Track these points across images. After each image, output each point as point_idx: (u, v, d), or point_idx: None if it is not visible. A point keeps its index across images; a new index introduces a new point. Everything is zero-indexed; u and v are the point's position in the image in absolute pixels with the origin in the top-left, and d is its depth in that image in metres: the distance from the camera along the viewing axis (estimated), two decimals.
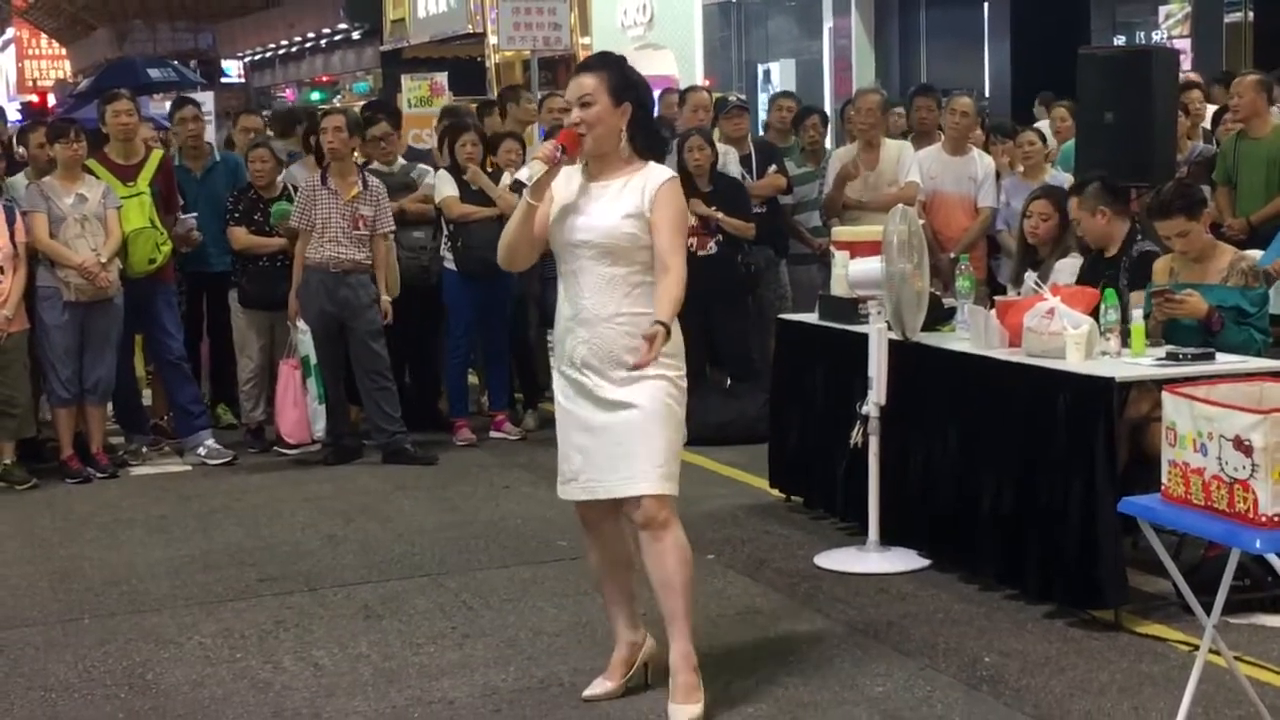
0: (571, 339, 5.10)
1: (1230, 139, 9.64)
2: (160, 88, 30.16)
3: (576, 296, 5.09)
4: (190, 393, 9.74)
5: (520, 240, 5.17)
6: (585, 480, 5.14)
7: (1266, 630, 5.86)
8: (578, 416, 5.13)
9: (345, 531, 7.85)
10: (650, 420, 5.02)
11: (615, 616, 5.40)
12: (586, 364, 5.06)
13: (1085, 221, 7.25)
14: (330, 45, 40.52)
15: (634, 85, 5.11)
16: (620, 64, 5.15)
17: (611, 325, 5.02)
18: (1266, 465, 4.12)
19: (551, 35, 16.65)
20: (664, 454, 5.04)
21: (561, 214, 5.11)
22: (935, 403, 6.88)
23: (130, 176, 9.38)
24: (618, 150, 5.08)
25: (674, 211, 5.07)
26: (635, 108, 5.08)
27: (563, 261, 5.17)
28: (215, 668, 5.84)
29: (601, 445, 5.06)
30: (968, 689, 5.40)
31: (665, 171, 5.15)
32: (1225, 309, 6.61)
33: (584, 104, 5.01)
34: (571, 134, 5.01)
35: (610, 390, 5.03)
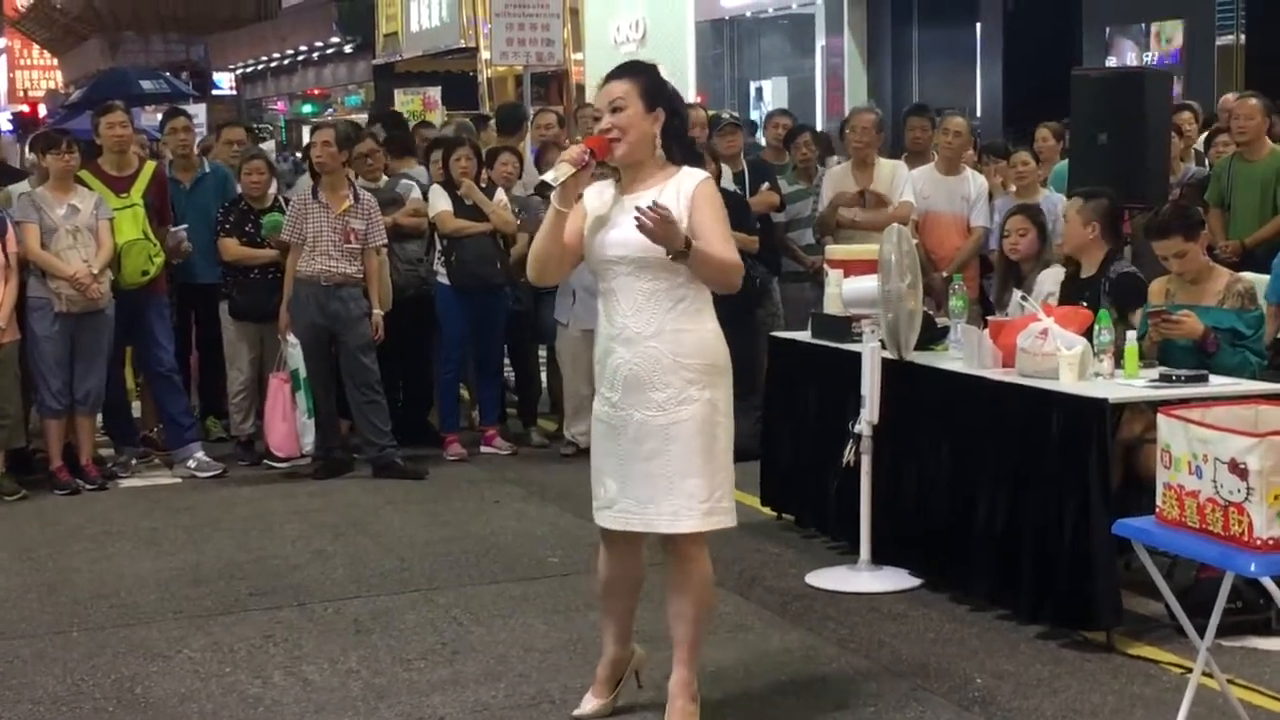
0: (613, 359, 4.89)
1: (1224, 161, 9.65)
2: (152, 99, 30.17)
3: (616, 315, 4.89)
4: (181, 405, 9.71)
5: (550, 251, 4.96)
6: (621, 510, 4.93)
7: (1259, 653, 5.85)
8: (616, 442, 4.91)
9: (335, 546, 7.83)
10: (691, 451, 4.82)
11: (608, 630, 5.25)
12: (629, 385, 4.85)
13: (1073, 224, 7.21)
14: (322, 59, 40.49)
15: (667, 93, 4.93)
16: (653, 71, 4.98)
17: (655, 343, 4.82)
18: (1261, 489, 4.12)
19: (544, 51, 16.69)
20: (706, 488, 4.85)
21: (595, 229, 4.92)
22: (928, 422, 6.88)
23: (123, 188, 9.36)
24: (652, 159, 4.90)
25: (715, 210, 4.87)
26: (669, 115, 4.90)
27: (600, 279, 4.96)
28: (204, 682, 5.81)
29: (641, 474, 4.86)
30: (959, 710, 5.39)
31: (698, 173, 4.93)
32: (1221, 331, 6.62)
33: (615, 109, 4.83)
34: (601, 140, 4.83)
35: (653, 415, 4.82)
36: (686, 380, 4.82)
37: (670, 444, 4.81)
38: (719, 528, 4.93)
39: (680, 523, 4.85)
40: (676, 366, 4.80)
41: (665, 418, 4.81)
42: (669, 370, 4.80)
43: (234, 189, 10.07)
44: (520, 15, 16.60)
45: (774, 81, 22.47)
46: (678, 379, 4.80)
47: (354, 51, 36.77)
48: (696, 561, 4.97)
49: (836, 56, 20.65)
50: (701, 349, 4.88)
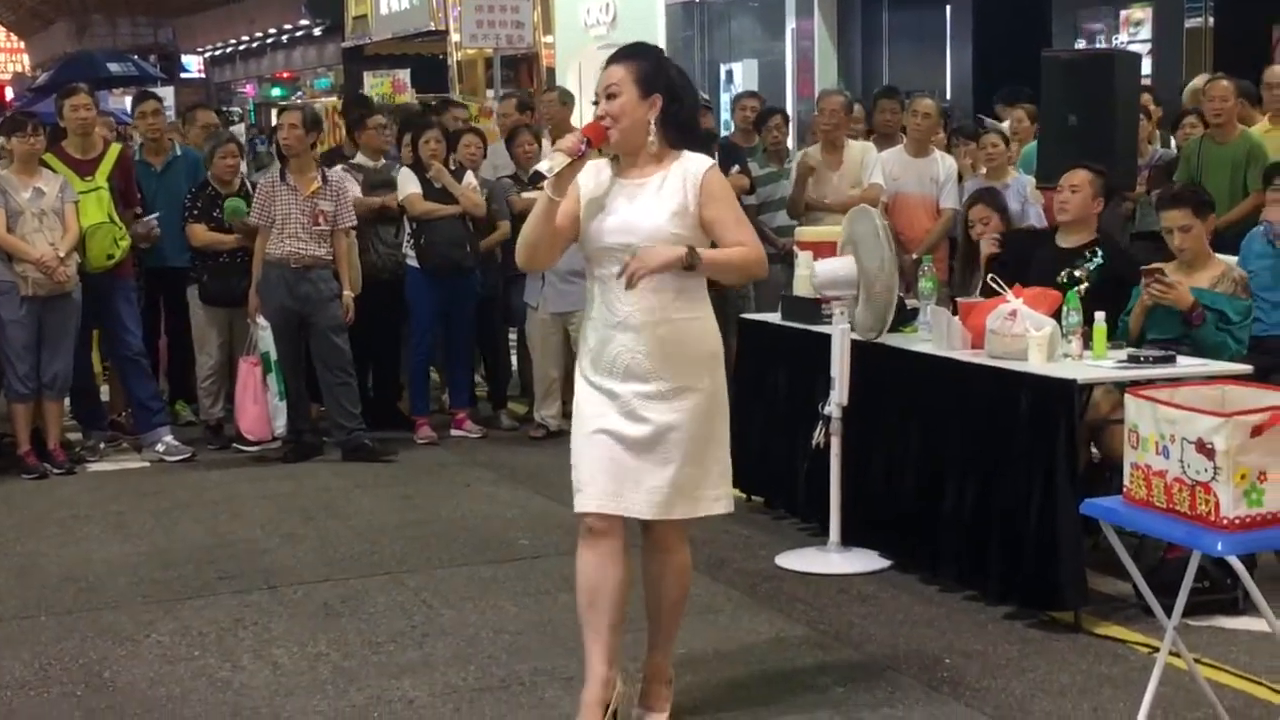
0: (613, 346, 4.74)
1: (1194, 142, 9.66)
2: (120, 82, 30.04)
3: (617, 303, 4.73)
4: (149, 389, 9.68)
5: (541, 238, 4.79)
6: (601, 491, 4.75)
7: (1226, 633, 5.88)
8: (611, 429, 4.74)
9: (305, 529, 7.81)
10: (690, 440, 4.75)
11: (594, 648, 4.83)
12: (629, 373, 4.72)
13: (1084, 194, 7.19)
14: (291, 41, 40.38)
15: (666, 76, 4.76)
16: (652, 54, 4.85)
17: (660, 332, 4.71)
18: (1228, 468, 4.13)
19: (514, 33, 16.64)
20: (702, 476, 4.80)
21: (593, 214, 4.78)
22: (897, 404, 6.90)
23: (88, 171, 9.32)
24: (646, 145, 4.75)
25: (727, 201, 4.79)
26: (667, 100, 4.73)
27: (597, 265, 4.81)
28: (173, 666, 5.80)
29: (633, 462, 4.72)
30: (928, 690, 5.41)
31: (703, 159, 4.82)
32: (1210, 311, 6.70)
33: (609, 95, 4.71)
34: (597, 127, 4.71)
35: (654, 404, 4.72)
36: (690, 369, 4.75)
37: (670, 432, 4.72)
38: (712, 513, 4.91)
39: (675, 509, 4.78)
40: (680, 356, 4.73)
41: (666, 406, 4.72)
42: (671, 359, 4.72)
43: (205, 172, 10.02)
44: None
45: (744, 64, 22.40)
46: (679, 369, 4.72)
47: (323, 34, 36.67)
48: (676, 552, 4.92)
49: (807, 39, 20.62)
50: (702, 338, 4.82)
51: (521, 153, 10.23)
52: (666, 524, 4.84)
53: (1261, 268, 7.74)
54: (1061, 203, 7.32)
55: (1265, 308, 7.66)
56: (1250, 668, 5.50)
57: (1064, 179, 7.39)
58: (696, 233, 4.73)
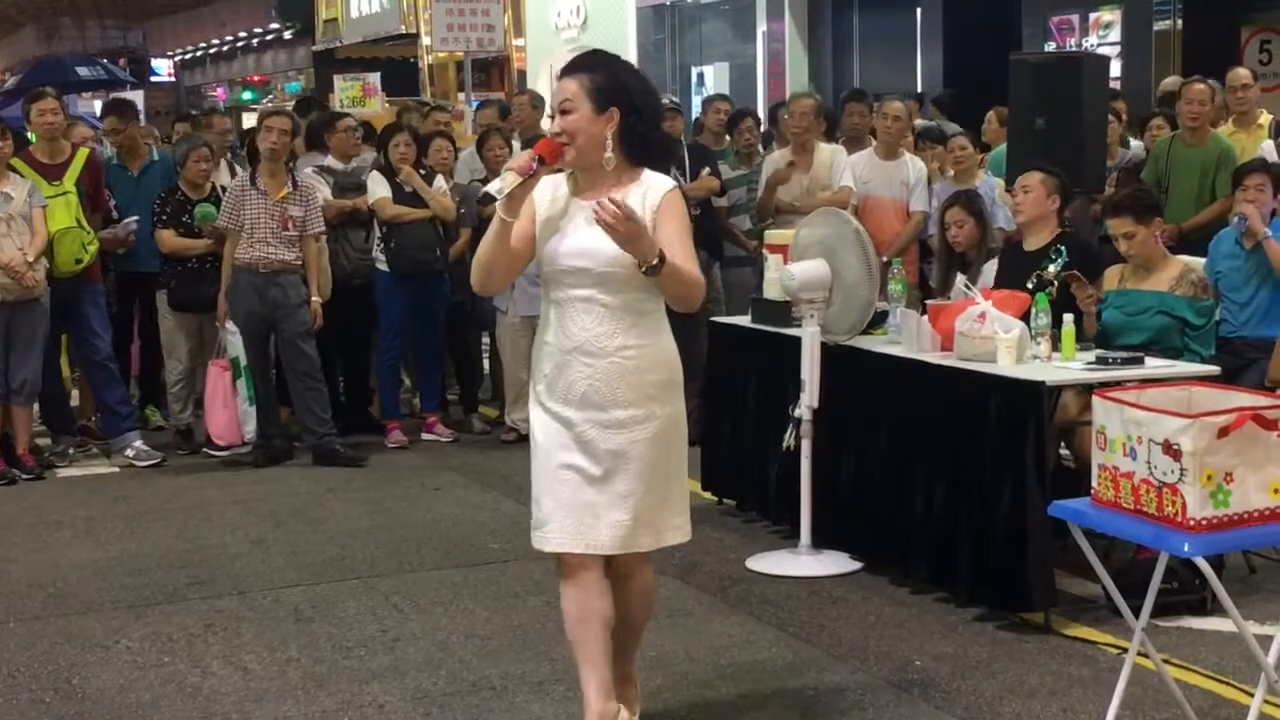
0: (570, 372, 4.56)
1: (1163, 142, 9.68)
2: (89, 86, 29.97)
3: (572, 328, 4.56)
4: (118, 394, 9.65)
5: (496, 260, 4.61)
6: (557, 529, 4.59)
7: (1194, 633, 5.91)
8: (567, 459, 4.58)
9: (275, 534, 7.80)
10: (650, 469, 4.57)
11: (587, 680, 4.70)
12: (586, 400, 4.54)
13: (1036, 194, 7.22)
14: (262, 45, 40.22)
15: (623, 89, 4.54)
16: (608, 65, 4.60)
17: (618, 359, 4.53)
18: (1195, 469, 4.15)
19: (485, 36, 16.64)
20: (659, 506, 4.62)
21: (549, 235, 4.60)
22: (867, 406, 6.91)
23: (56, 175, 9.29)
24: (604, 162, 4.55)
25: (680, 223, 4.59)
26: (624, 113, 4.51)
27: (553, 288, 4.62)
28: (143, 672, 5.78)
29: (592, 494, 4.55)
30: (898, 691, 5.42)
31: (664, 181, 4.63)
32: (1172, 319, 6.77)
33: (563, 111, 4.51)
34: (551, 144, 4.50)
35: (611, 435, 4.54)
36: (648, 396, 4.57)
37: (628, 463, 4.55)
38: (675, 543, 4.75)
39: (640, 541, 4.62)
40: (640, 383, 4.55)
41: (624, 436, 4.55)
42: (632, 387, 4.54)
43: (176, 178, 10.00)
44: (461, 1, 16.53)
45: (715, 67, 22.43)
46: (640, 395, 4.55)
47: (293, 38, 36.54)
48: (639, 576, 4.79)
49: (778, 42, 20.64)
50: (663, 364, 4.63)
51: (492, 156, 10.22)
52: (633, 559, 4.71)
53: (1230, 268, 7.78)
54: (1016, 205, 7.36)
55: (1233, 308, 7.71)
56: (1218, 668, 5.52)
57: (1017, 182, 7.44)
58: None
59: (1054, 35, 16.77)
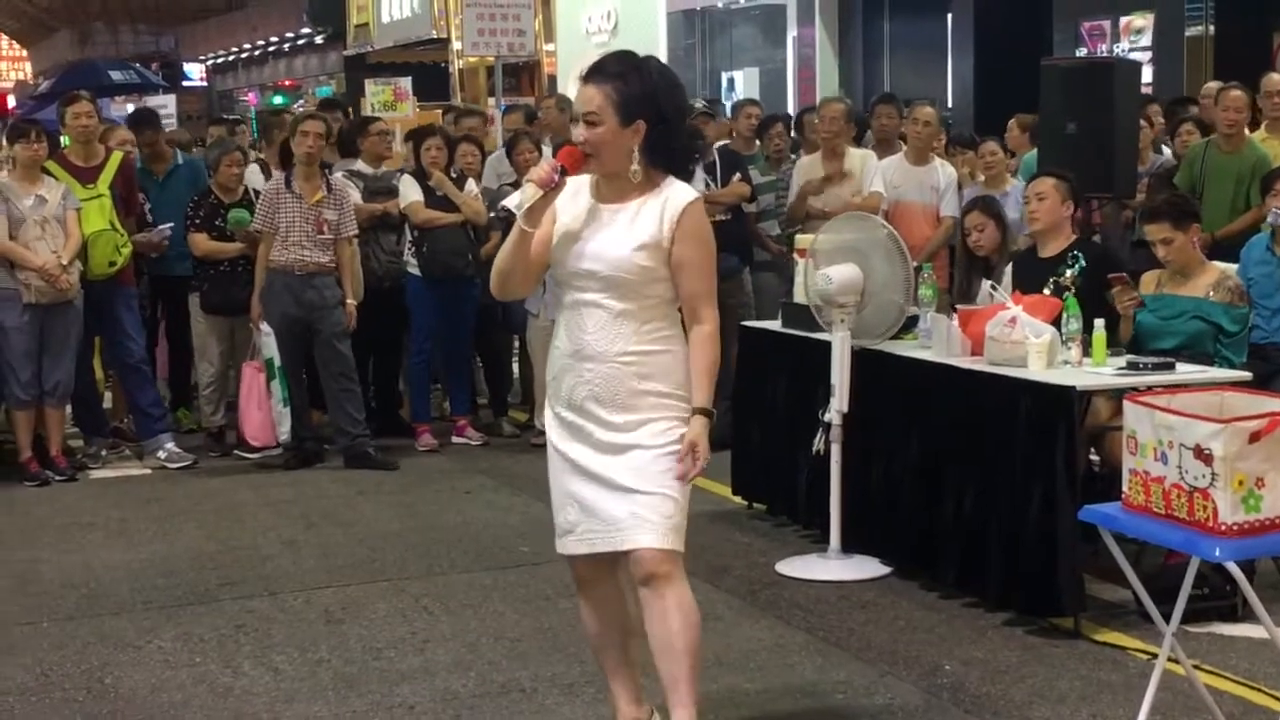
0: (571, 377, 4.48)
1: (1198, 148, 9.62)
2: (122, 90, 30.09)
3: (578, 331, 4.47)
4: (151, 396, 9.70)
5: (514, 268, 4.52)
6: (583, 532, 4.54)
7: (1224, 639, 5.89)
8: (574, 463, 4.53)
9: (306, 536, 7.83)
10: (654, 467, 4.43)
11: (615, 690, 4.74)
12: (586, 406, 4.46)
13: (1051, 201, 7.18)
14: (293, 49, 40.37)
15: (650, 98, 4.39)
16: (636, 72, 4.42)
17: (617, 364, 4.42)
18: (1226, 474, 4.15)
19: (515, 41, 16.64)
20: (669, 504, 4.44)
21: (565, 240, 4.48)
22: (897, 411, 6.90)
23: (90, 179, 9.34)
24: (630, 174, 4.43)
25: (701, 244, 4.46)
26: (652, 124, 4.39)
27: (566, 292, 4.54)
28: (174, 672, 5.81)
29: (600, 494, 4.48)
30: (927, 696, 5.42)
31: (687, 192, 4.47)
32: (1207, 324, 6.79)
33: (588, 122, 4.36)
34: (574, 152, 4.39)
35: (610, 435, 4.45)
36: (651, 405, 4.45)
37: (633, 461, 4.44)
38: (677, 549, 4.49)
39: (638, 536, 4.42)
40: (641, 390, 4.43)
41: (625, 438, 4.44)
42: (633, 394, 4.43)
43: (206, 181, 10.04)
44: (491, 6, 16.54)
45: (745, 72, 22.43)
46: (642, 403, 4.44)
47: (325, 42, 36.68)
48: (671, 584, 4.47)
49: (808, 47, 20.65)
50: (669, 373, 4.47)
51: (522, 160, 10.22)
52: (650, 556, 4.44)
53: (1261, 275, 7.75)
54: (1031, 213, 7.33)
55: (1265, 315, 7.67)
56: (1249, 674, 5.51)
57: (1029, 189, 7.42)
58: (664, 267, 4.43)
59: (1085, 41, 16.72)
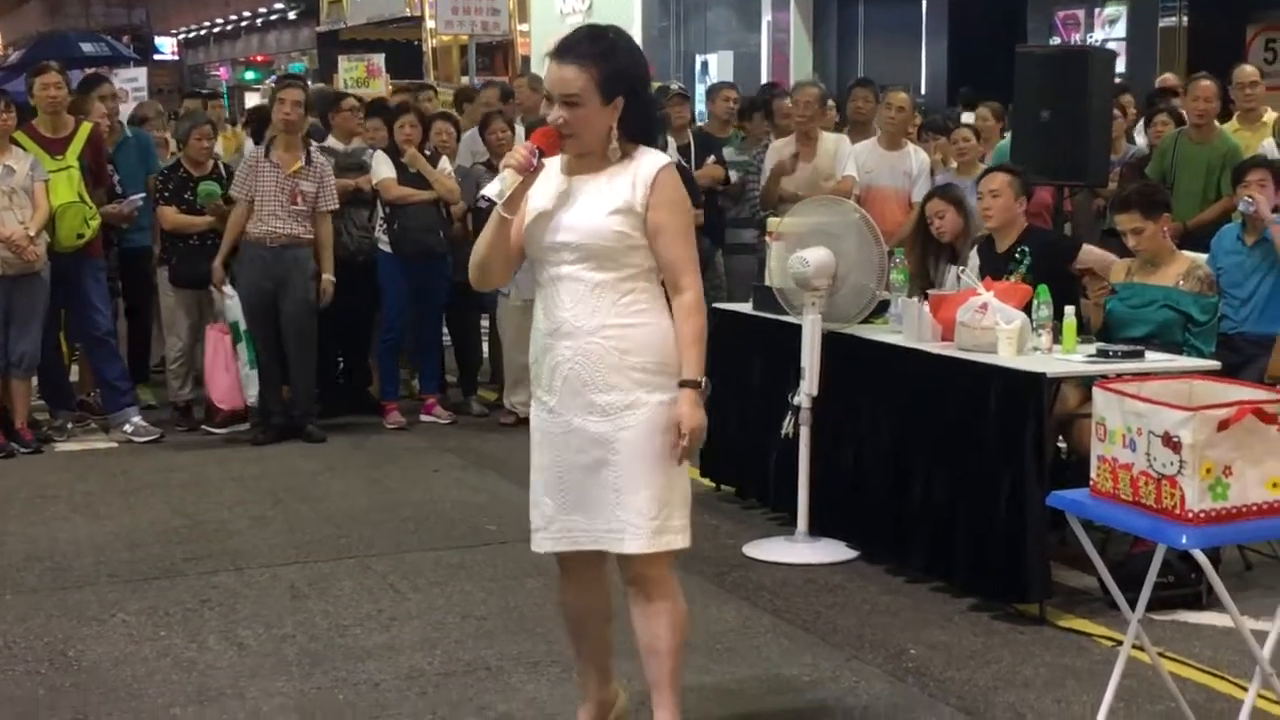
0: (550, 357, 4.31)
1: (1169, 138, 9.66)
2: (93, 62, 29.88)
3: (555, 308, 4.30)
4: (118, 369, 9.65)
5: (493, 257, 4.38)
6: (560, 529, 4.36)
7: (1190, 627, 5.92)
8: (555, 453, 4.35)
9: (273, 511, 7.80)
10: (640, 460, 4.25)
11: (586, 671, 4.63)
12: (568, 386, 4.27)
13: (1006, 197, 7.22)
14: (266, 25, 40.29)
15: (626, 73, 4.26)
16: (612, 50, 4.27)
17: (598, 339, 4.23)
18: (1194, 462, 4.14)
19: (490, 20, 16.61)
20: (657, 502, 4.27)
21: (539, 216, 4.32)
22: (867, 395, 6.91)
23: (58, 150, 9.27)
24: (608, 152, 4.30)
25: (678, 210, 4.31)
26: (628, 98, 4.26)
27: (540, 269, 4.36)
28: (138, 645, 5.79)
29: (584, 488, 4.30)
30: (893, 680, 5.43)
31: (659, 156, 4.34)
32: (1176, 313, 6.82)
33: (568, 104, 4.20)
34: (550, 133, 4.23)
35: (595, 423, 4.25)
36: (634, 382, 4.25)
37: (616, 453, 4.25)
38: (669, 549, 4.34)
39: (627, 542, 4.28)
40: (623, 366, 4.24)
41: (610, 424, 4.25)
42: (614, 370, 4.24)
43: (155, 156, 9.98)
44: None
45: (720, 55, 22.43)
46: (625, 380, 4.24)
47: (298, 18, 36.56)
48: (659, 586, 4.39)
49: (782, 31, 20.66)
50: (651, 346, 4.28)
51: (495, 140, 10.20)
52: (640, 561, 4.33)
53: (1231, 264, 7.77)
54: (985, 210, 7.33)
55: (1234, 304, 7.69)
56: (1213, 662, 5.53)
57: (982, 185, 7.43)
58: (641, 234, 4.26)
59: (1059, 30, 16.78)
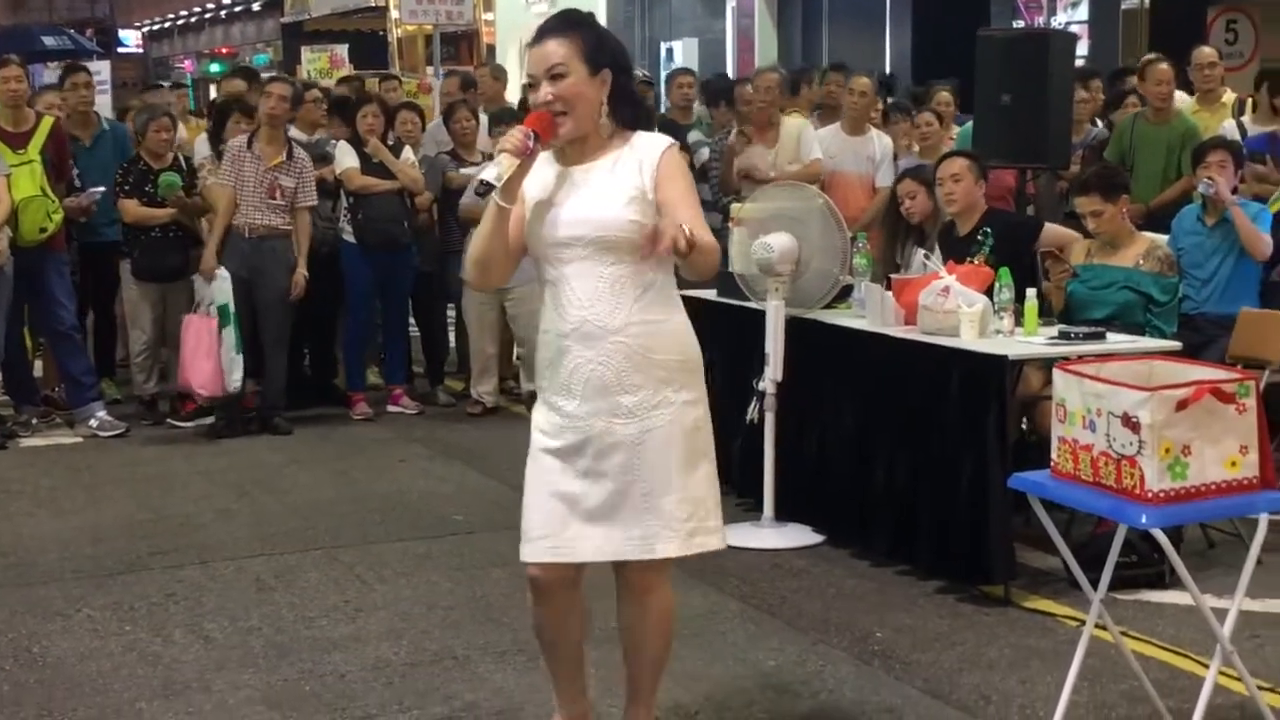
0: (569, 359, 4.07)
1: (1127, 120, 9.69)
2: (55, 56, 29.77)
3: (570, 306, 4.07)
4: (82, 364, 9.60)
5: (494, 252, 4.15)
6: (572, 537, 4.10)
7: (1152, 606, 5.95)
8: (574, 459, 4.11)
9: (239, 504, 7.78)
10: (670, 461, 4.10)
11: (560, 686, 4.38)
12: (591, 388, 4.06)
13: (967, 182, 7.28)
14: (230, 16, 40.09)
15: (610, 48, 4.12)
16: (591, 23, 4.17)
17: (624, 337, 4.03)
18: (1153, 442, 4.16)
19: (454, 10, 16.56)
20: (690, 503, 4.14)
21: (540, 210, 4.11)
22: (831, 380, 6.92)
23: (20, 144, 9.21)
24: (597, 128, 4.11)
25: (685, 183, 4.15)
26: (616, 73, 4.10)
27: (548, 267, 4.13)
28: (104, 640, 5.77)
29: (608, 495, 4.08)
30: (859, 664, 5.44)
31: (660, 139, 4.19)
32: (1137, 294, 6.86)
33: (554, 76, 4.00)
34: (544, 116, 4.02)
35: (621, 425, 4.06)
36: (660, 380, 4.08)
37: (643, 456, 4.07)
38: (705, 550, 4.22)
39: (658, 548, 4.11)
40: (649, 364, 4.06)
41: (637, 425, 4.06)
42: (640, 369, 4.05)
43: (131, 149, 9.93)
44: None
45: (684, 43, 22.39)
46: (650, 379, 4.06)
47: (262, 9, 36.41)
48: (657, 592, 4.27)
49: (747, 17, 20.64)
50: (676, 343, 4.15)
51: (459, 129, 10.21)
52: (644, 564, 4.18)
53: (1191, 245, 7.80)
54: (948, 194, 7.35)
55: (1195, 285, 7.73)
56: (1175, 640, 5.56)
57: (943, 170, 7.44)
58: (653, 218, 4.03)
59: (1022, 13, 16.80)
